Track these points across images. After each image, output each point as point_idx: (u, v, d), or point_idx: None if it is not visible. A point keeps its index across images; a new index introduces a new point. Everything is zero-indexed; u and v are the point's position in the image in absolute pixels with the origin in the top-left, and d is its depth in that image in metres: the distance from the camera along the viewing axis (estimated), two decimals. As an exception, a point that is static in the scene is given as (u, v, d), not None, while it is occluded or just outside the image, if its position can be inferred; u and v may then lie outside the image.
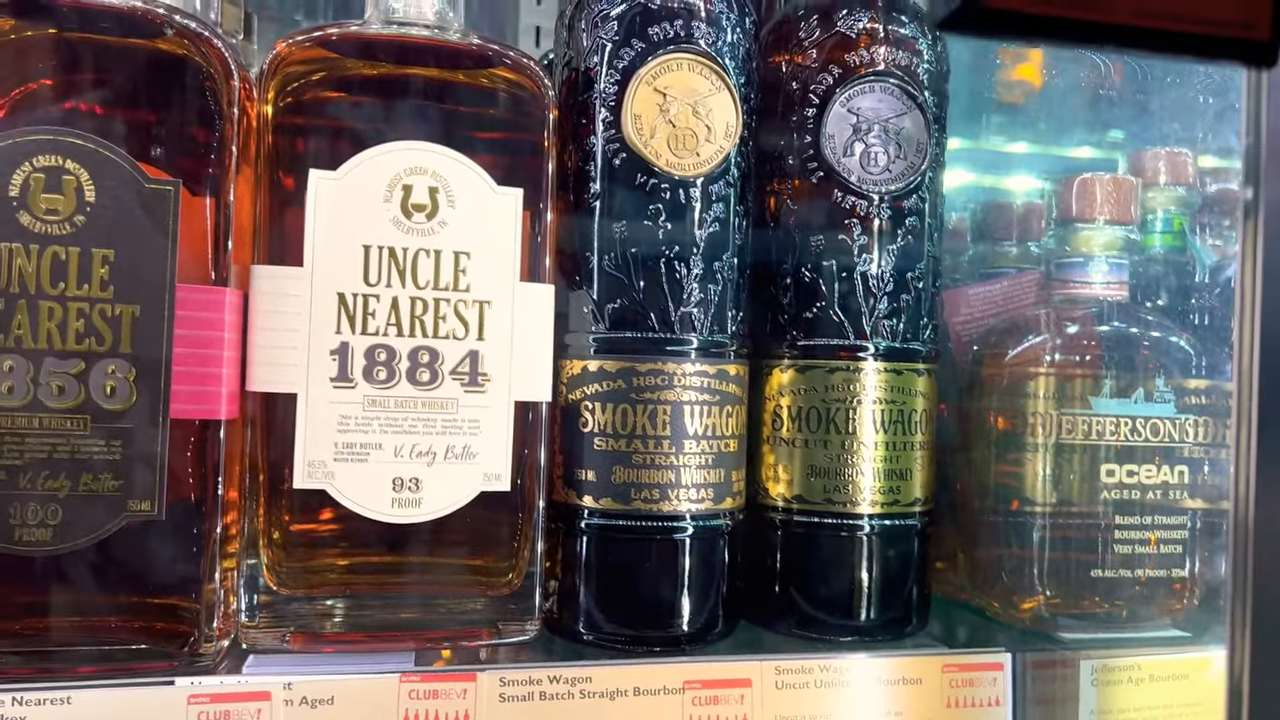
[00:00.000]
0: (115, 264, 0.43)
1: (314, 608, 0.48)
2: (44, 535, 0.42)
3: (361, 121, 0.48)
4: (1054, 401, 0.56)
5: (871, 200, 0.53)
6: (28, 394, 0.42)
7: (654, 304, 0.50)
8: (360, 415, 0.47)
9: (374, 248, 0.47)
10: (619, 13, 0.50)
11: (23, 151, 0.42)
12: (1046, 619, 0.56)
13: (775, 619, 0.54)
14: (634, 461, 0.50)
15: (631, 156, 0.50)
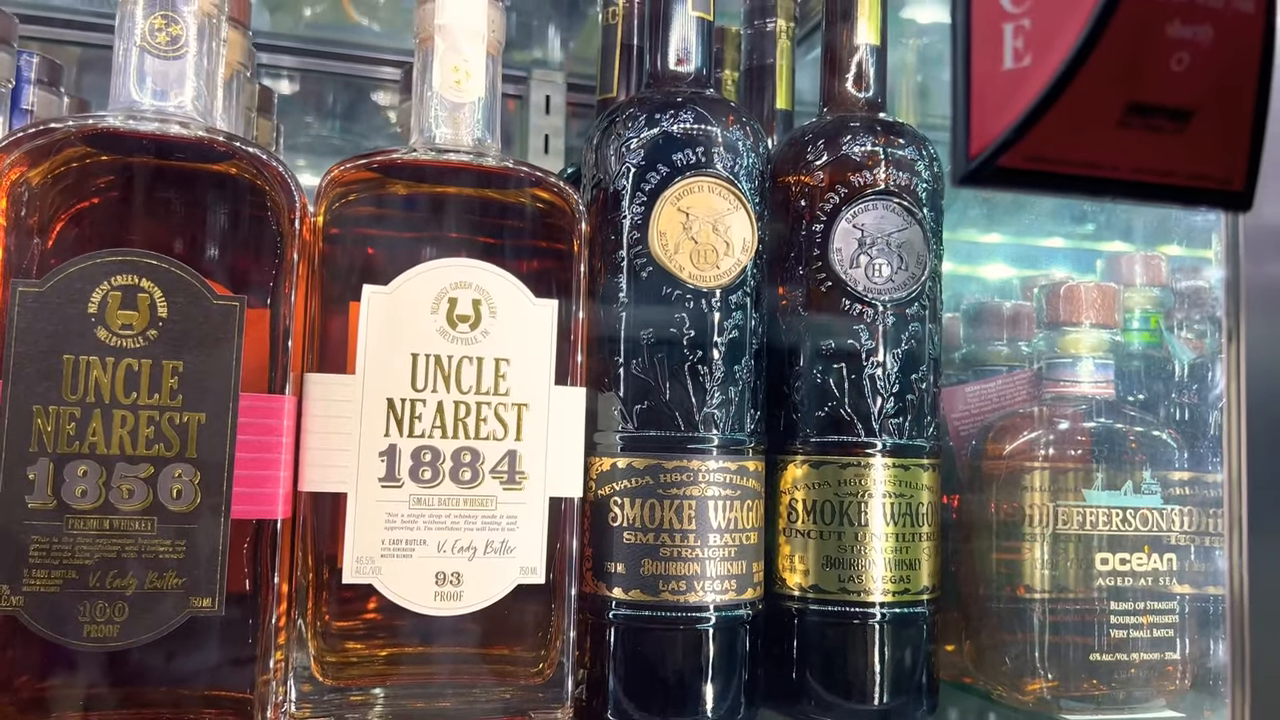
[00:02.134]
0: (184, 375, 0.46)
1: (356, 698, 0.50)
2: (111, 631, 0.44)
3: (409, 238, 0.52)
4: (1049, 494, 0.60)
5: (876, 308, 0.57)
6: (100, 497, 0.45)
7: (679, 405, 0.53)
8: (406, 513, 0.50)
9: (421, 356, 0.51)
10: (645, 139, 0.55)
11: (102, 271, 0.45)
12: (1049, 701, 0.59)
13: (794, 704, 0.57)
14: (661, 554, 0.53)
15: (657, 269, 0.54)
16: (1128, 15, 0.29)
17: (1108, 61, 0.29)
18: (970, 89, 0.30)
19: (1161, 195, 0.32)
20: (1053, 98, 0.29)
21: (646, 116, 0.55)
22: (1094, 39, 0.29)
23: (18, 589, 0.44)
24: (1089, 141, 0.30)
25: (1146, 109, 0.30)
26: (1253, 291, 0.33)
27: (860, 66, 0.61)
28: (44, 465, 0.44)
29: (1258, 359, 0.33)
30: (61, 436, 0.44)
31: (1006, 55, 0.30)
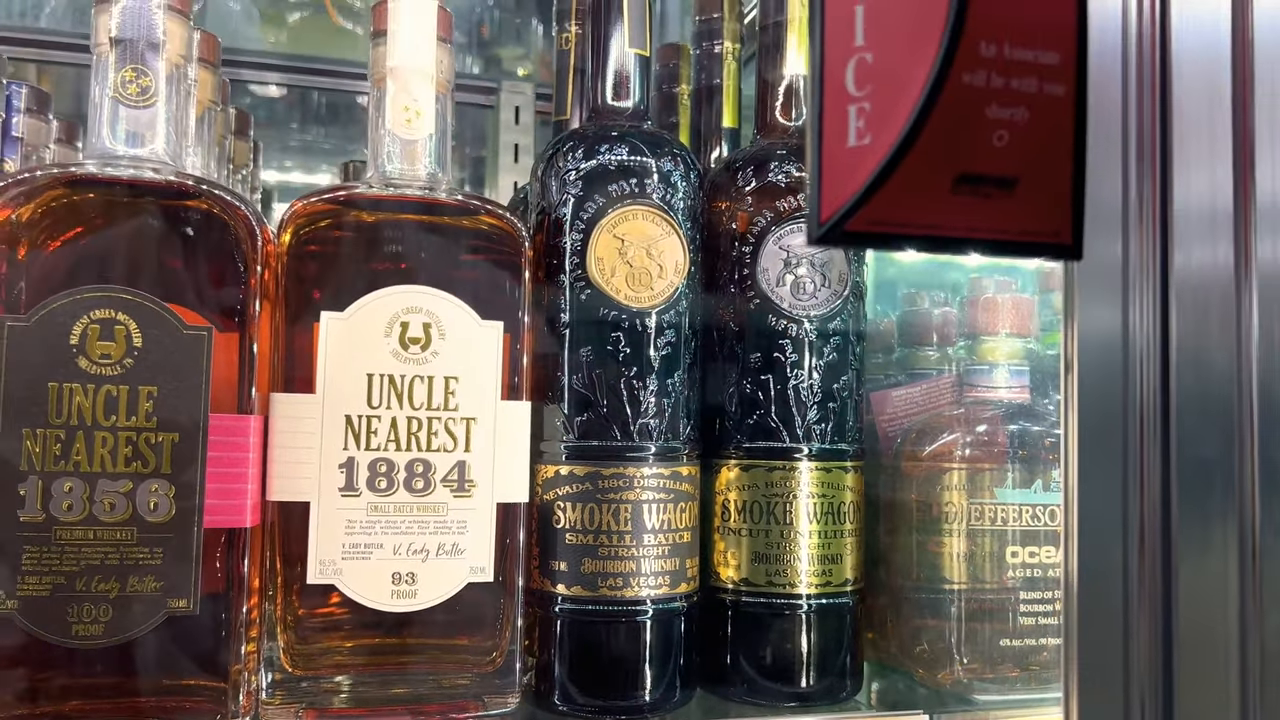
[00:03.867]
0: (158, 399, 0.51)
1: (323, 686, 0.55)
2: (96, 630, 0.50)
3: (366, 266, 0.56)
4: (965, 492, 0.64)
5: (801, 324, 0.62)
6: (84, 510, 0.50)
7: (616, 417, 0.58)
8: (364, 519, 0.55)
9: (376, 375, 0.55)
10: (584, 170, 0.59)
11: (82, 306, 0.50)
12: (964, 683, 0.64)
13: (728, 687, 0.62)
14: (600, 554, 0.58)
15: (595, 292, 0.59)
16: (950, 99, 0.33)
17: (935, 139, 0.33)
18: (821, 162, 0.35)
19: (998, 250, 0.36)
20: (889, 171, 0.34)
21: (585, 149, 0.60)
22: (922, 120, 0.33)
23: (12, 593, 0.49)
24: (925, 207, 0.34)
25: (974, 178, 0.34)
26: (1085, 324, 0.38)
27: (789, 95, 0.66)
28: (33, 482, 0.49)
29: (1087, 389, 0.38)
30: (49, 456, 0.49)
31: (850, 133, 0.34)
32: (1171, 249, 0.38)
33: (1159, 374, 0.38)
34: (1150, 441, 0.39)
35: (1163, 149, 0.41)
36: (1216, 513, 0.41)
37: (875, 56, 0.34)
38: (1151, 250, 0.39)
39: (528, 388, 0.59)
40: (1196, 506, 0.41)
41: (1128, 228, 0.38)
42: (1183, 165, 0.40)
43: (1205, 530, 0.41)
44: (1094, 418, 0.38)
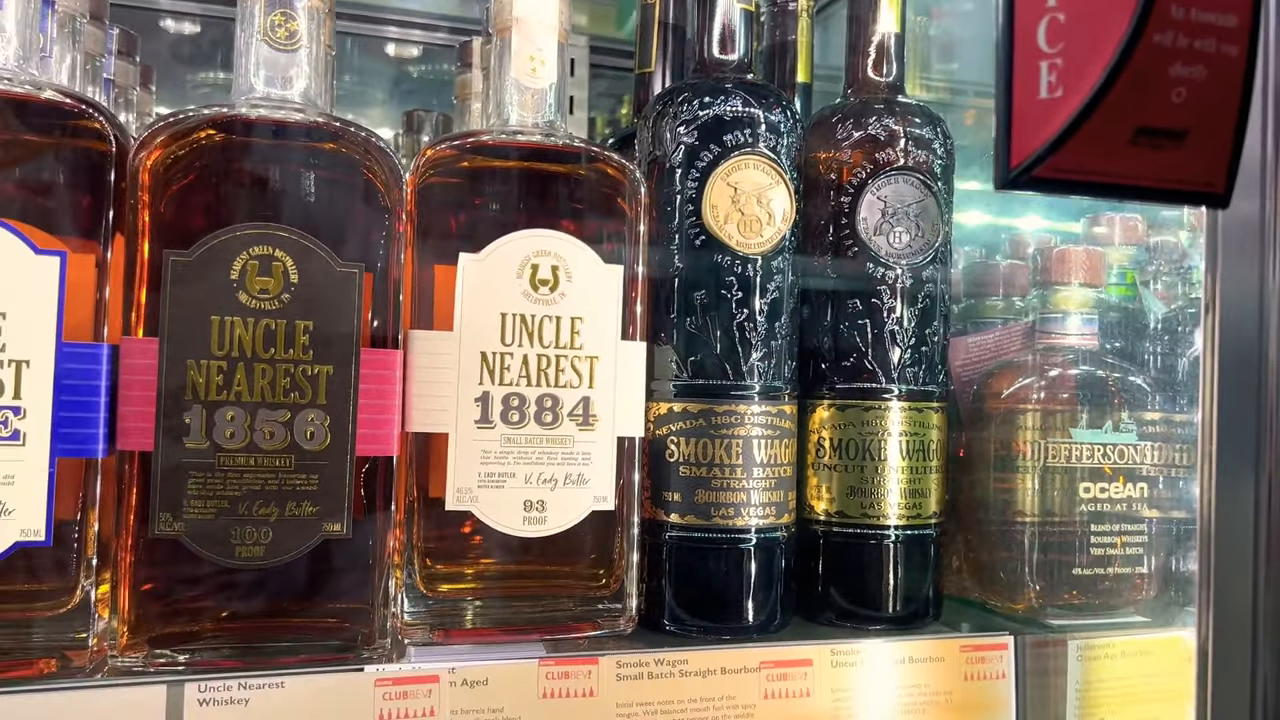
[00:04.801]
0: (314, 333, 0.53)
1: (455, 607, 0.58)
2: (257, 551, 0.52)
3: (496, 210, 0.59)
4: (1040, 431, 0.69)
5: (896, 271, 0.65)
6: (245, 438, 0.52)
7: (727, 357, 0.61)
8: (498, 450, 0.58)
9: (509, 315, 0.58)
10: (699, 121, 0.62)
11: (241, 242, 0.52)
12: (1037, 609, 0.68)
13: (819, 612, 0.66)
14: (713, 485, 0.61)
15: (709, 238, 0.61)
16: (1141, 58, 0.36)
17: (1124, 94, 0.37)
18: (1011, 113, 0.38)
19: (1161, 197, 0.40)
20: (1079, 123, 0.37)
21: (699, 101, 0.62)
22: (1114, 76, 0.36)
23: (180, 516, 0.51)
24: (1106, 156, 0.38)
25: (1152, 131, 0.38)
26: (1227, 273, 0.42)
27: (882, 53, 0.69)
28: (198, 411, 0.52)
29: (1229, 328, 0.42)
30: (212, 386, 0.52)
31: (1042, 87, 0.38)
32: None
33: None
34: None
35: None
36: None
37: (1067, 16, 0.37)
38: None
39: (643, 329, 0.62)
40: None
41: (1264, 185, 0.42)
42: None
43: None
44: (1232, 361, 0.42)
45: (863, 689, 0.60)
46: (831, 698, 0.60)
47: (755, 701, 0.58)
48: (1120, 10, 0.36)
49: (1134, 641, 0.66)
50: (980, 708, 0.63)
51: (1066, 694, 0.63)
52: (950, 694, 0.62)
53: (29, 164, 0.50)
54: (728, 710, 0.58)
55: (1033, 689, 0.64)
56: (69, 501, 0.50)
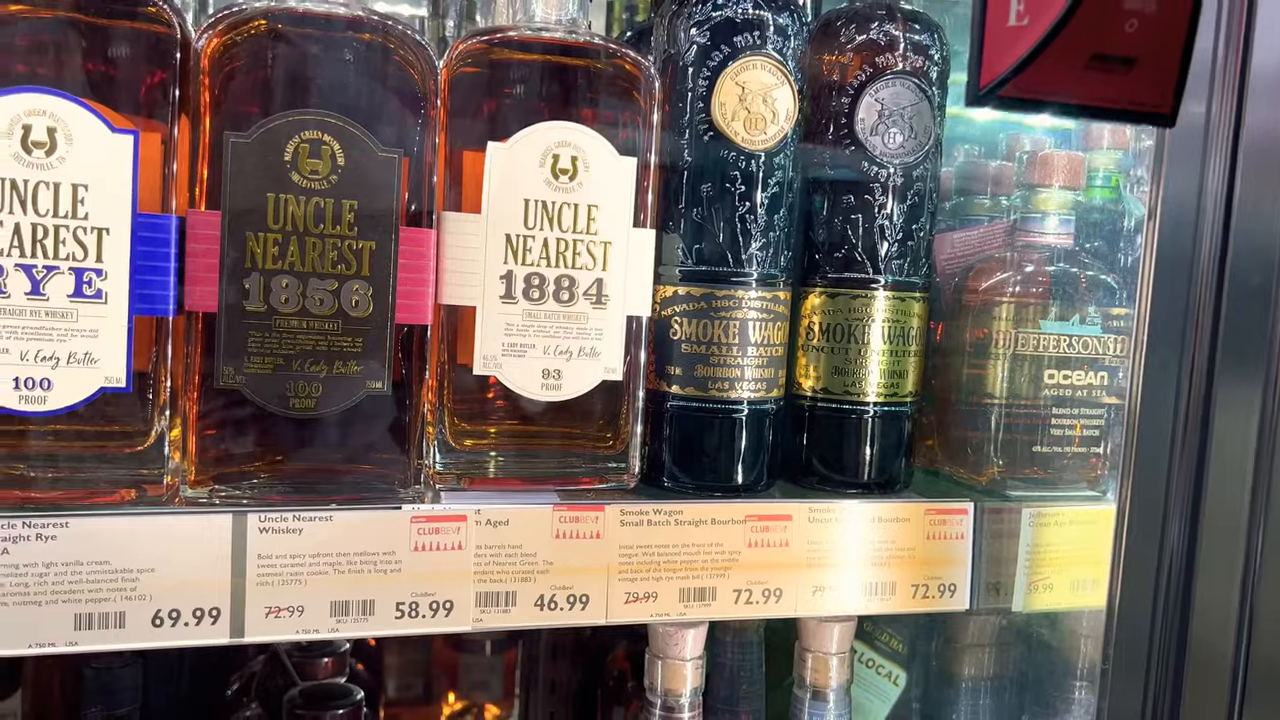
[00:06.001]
0: (359, 211, 0.59)
1: (480, 460, 0.66)
2: (309, 404, 0.60)
3: (520, 102, 0.64)
4: (1012, 323, 0.75)
5: (889, 170, 0.70)
6: (299, 304, 0.59)
7: (729, 246, 0.67)
8: (520, 323, 0.65)
9: (531, 201, 0.64)
10: (711, 21, 0.66)
11: (294, 127, 0.58)
12: (999, 482, 0.76)
13: (802, 477, 0.74)
14: (711, 361, 0.68)
15: (717, 134, 0.67)
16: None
17: (1081, 25, 0.42)
18: (983, 38, 0.43)
19: (1112, 116, 0.45)
20: (1040, 49, 0.42)
21: (712, 2, 0.67)
22: (1073, 8, 0.41)
23: (241, 370, 0.58)
24: (1063, 79, 0.43)
25: (1105, 58, 0.43)
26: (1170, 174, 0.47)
27: (888, -41, 0.72)
28: (256, 279, 0.58)
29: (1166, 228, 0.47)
30: (268, 256, 0.58)
31: (1011, 15, 0.43)
32: (1245, 112, 0.47)
33: (1222, 226, 0.48)
34: (1208, 287, 0.49)
35: (1248, 12, 0.49)
36: (1252, 354, 0.52)
37: (1038, -48, 0.42)
38: (1229, 111, 0.47)
39: (653, 217, 0.68)
40: (1236, 348, 0.51)
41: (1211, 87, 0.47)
42: (1266, 28, 0.48)
43: (1242, 367, 0.52)
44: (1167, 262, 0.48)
45: (835, 542, 0.69)
46: (807, 549, 0.68)
47: (740, 549, 0.67)
48: (1083, -52, 0.41)
49: (1081, 512, 0.73)
50: (939, 563, 0.71)
51: (1018, 555, 0.72)
52: (913, 550, 0.70)
53: (102, 49, 0.56)
54: (716, 555, 0.66)
55: (988, 550, 0.72)
56: (144, 355, 0.57)
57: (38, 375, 0.55)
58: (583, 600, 0.64)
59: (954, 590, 0.72)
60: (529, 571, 0.63)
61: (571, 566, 0.64)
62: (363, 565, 0.60)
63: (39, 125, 0.54)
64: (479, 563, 0.62)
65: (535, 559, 0.63)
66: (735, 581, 0.67)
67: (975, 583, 0.72)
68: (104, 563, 0.56)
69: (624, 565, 0.65)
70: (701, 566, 0.66)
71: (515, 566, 0.63)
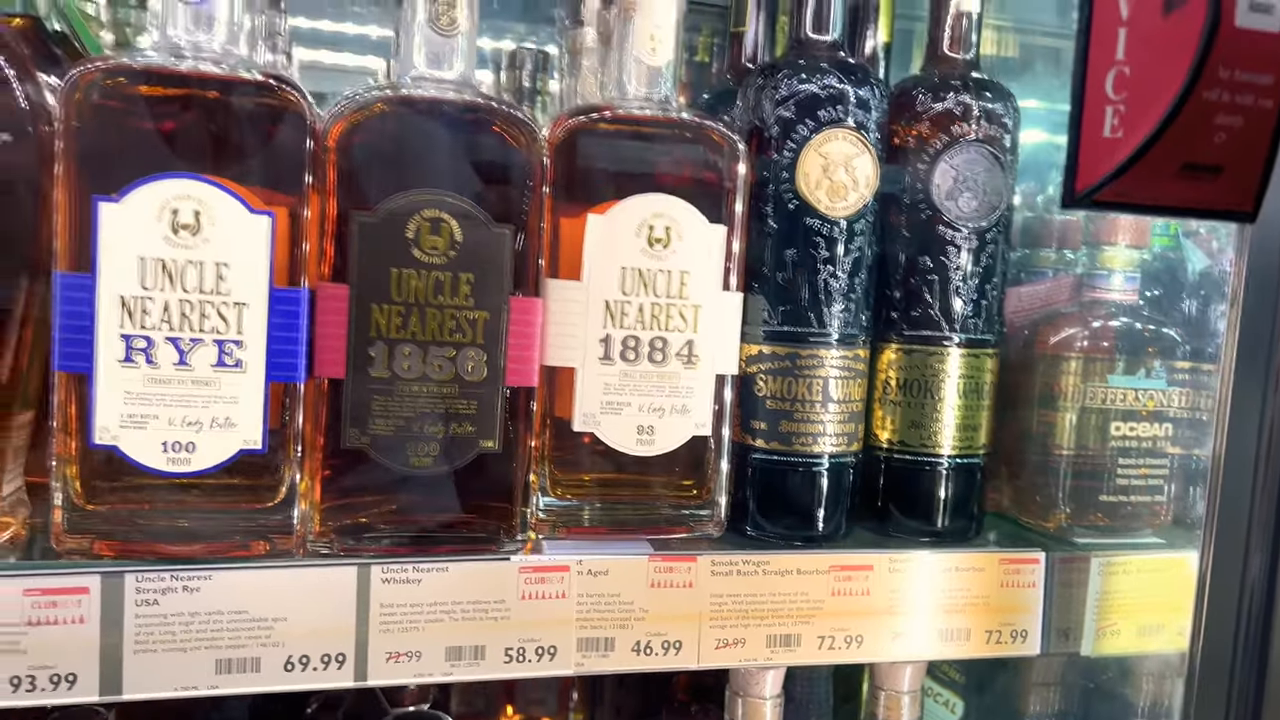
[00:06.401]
0: (474, 284, 0.63)
1: (577, 509, 0.70)
2: (427, 462, 0.64)
3: (617, 176, 0.68)
4: (1080, 377, 0.78)
5: (963, 233, 0.74)
6: (420, 370, 0.63)
7: (813, 308, 0.71)
8: (617, 383, 0.68)
9: (628, 268, 0.68)
10: (796, 98, 0.70)
11: (416, 206, 0.62)
12: (1065, 528, 0.79)
13: (877, 523, 0.77)
14: (795, 417, 0.72)
15: (801, 203, 0.70)
16: (1191, 109, 0.45)
17: (1174, 138, 0.45)
18: (1079, 147, 0.47)
19: (1198, 215, 0.48)
20: (1135, 159, 0.45)
21: (797, 79, 0.70)
22: (1167, 124, 0.45)
23: (366, 431, 0.63)
24: (1155, 185, 0.46)
25: (1195, 167, 0.46)
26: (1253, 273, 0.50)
27: (961, 31, 0.76)
28: (381, 347, 0.62)
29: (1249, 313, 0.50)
30: (392, 326, 0.62)
31: (1106, 127, 0.46)
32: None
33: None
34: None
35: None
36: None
37: (1133, 70, 0.46)
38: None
39: (738, 281, 0.71)
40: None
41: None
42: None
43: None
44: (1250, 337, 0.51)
45: (914, 591, 0.72)
46: (888, 597, 0.72)
47: (824, 598, 0.70)
48: (1177, 68, 0.44)
49: (1148, 560, 0.76)
50: (1012, 610, 0.74)
51: (1086, 602, 0.75)
52: (988, 597, 0.74)
53: (241, 134, 0.60)
54: (801, 603, 0.70)
55: (1058, 597, 0.75)
56: (276, 417, 0.62)
57: (184, 439, 0.60)
58: (676, 646, 0.68)
59: (1025, 636, 0.75)
60: (626, 618, 0.67)
61: (666, 614, 0.68)
62: (475, 613, 0.64)
63: (185, 209, 0.58)
64: (580, 610, 0.66)
65: (632, 607, 0.67)
66: (819, 628, 0.70)
67: (1046, 628, 0.75)
68: (242, 612, 0.60)
69: (715, 613, 0.69)
70: (787, 614, 0.70)
71: (614, 614, 0.67)
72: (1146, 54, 0.45)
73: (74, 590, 0.58)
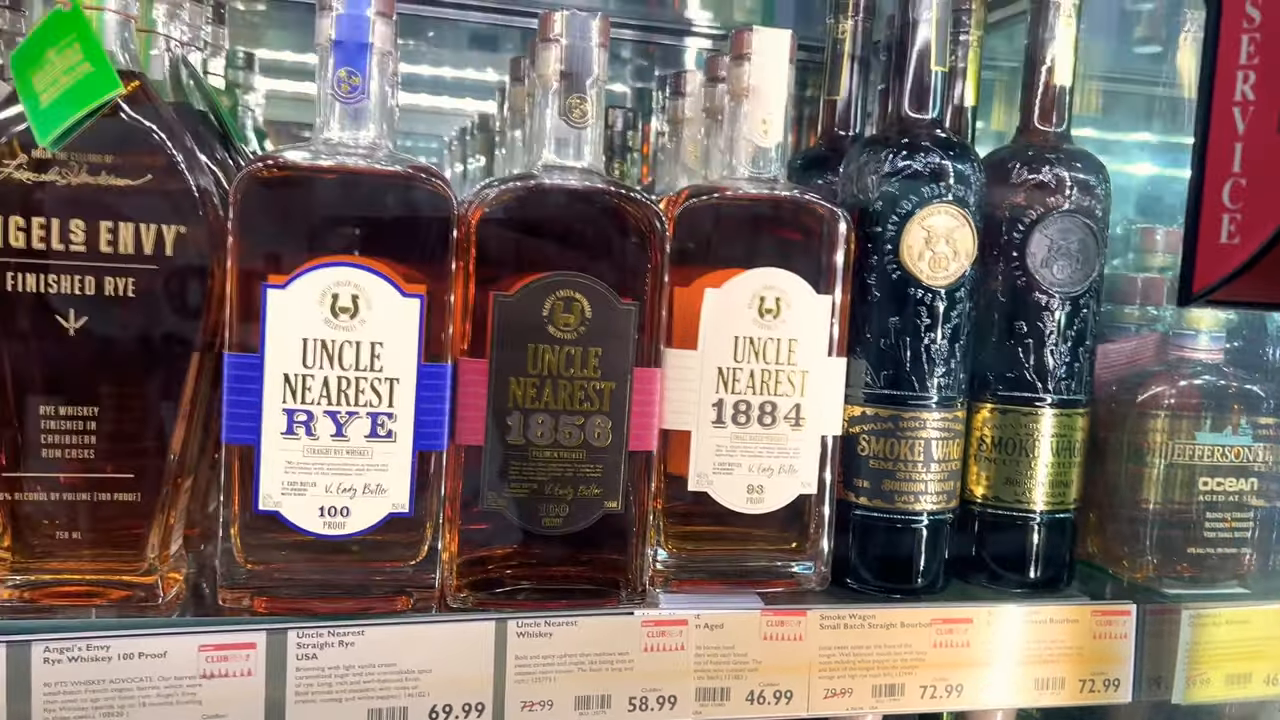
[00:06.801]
0: (602, 357, 0.68)
1: (690, 562, 0.74)
2: (557, 522, 0.68)
3: (733, 251, 0.72)
4: (1168, 434, 0.81)
5: (1057, 299, 0.77)
6: (551, 437, 0.68)
7: (915, 372, 0.75)
8: (728, 445, 0.73)
9: (740, 337, 0.72)
10: (898, 173, 0.74)
11: (550, 287, 0.66)
12: (1153, 579, 0.82)
13: (972, 575, 0.81)
14: (898, 477, 0.75)
15: (904, 273, 0.74)
16: (1302, 220, 0.48)
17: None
18: (1196, 251, 0.50)
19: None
20: (1250, 265, 0.49)
21: (899, 155, 0.74)
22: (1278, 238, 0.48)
23: (502, 494, 0.67)
24: (1267, 285, 0.50)
25: (1304, 269, 0.49)
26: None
27: (1054, 104, 0.79)
28: (517, 417, 0.67)
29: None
30: (528, 397, 0.67)
31: (1223, 234, 0.49)
32: None
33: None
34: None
35: None
36: None
37: (1249, 181, 0.49)
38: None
39: (841, 347, 0.75)
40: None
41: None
42: None
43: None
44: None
45: (1010, 642, 0.75)
46: (986, 648, 0.75)
47: (926, 650, 0.74)
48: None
49: (1237, 612, 0.79)
50: (1104, 660, 0.78)
51: (1177, 653, 0.78)
52: (1081, 648, 0.77)
53: (391, 222, 0.65)
54: (905, 655, 0.74)
55: (1150, 647, 0.78)
56: (420, 481, 0.67)
57: (339, 504, 0.65)
58: (787, 695, 0.72)
59: (1118, 684, 0.78)
60: (741, 670, 0.71)
61: (777, 665, 0.72)
62: (601, 664, 0.69)
63: (344, 294, 0.63)
64: (698, 661, 0.70)
65: (746, 658, 0.71)
66: (921, 678, 0.74)
67: (1138, 677, 0.78)
68: (391, 664, 0.65)
69: (823, 664, 0.72)
70: (892, 665, 0.73)
71: (729, 665, 0.71)
72: (1261, 168, 0.48)
73: (242, 646, 0.63)
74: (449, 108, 1.72)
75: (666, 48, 1.37)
